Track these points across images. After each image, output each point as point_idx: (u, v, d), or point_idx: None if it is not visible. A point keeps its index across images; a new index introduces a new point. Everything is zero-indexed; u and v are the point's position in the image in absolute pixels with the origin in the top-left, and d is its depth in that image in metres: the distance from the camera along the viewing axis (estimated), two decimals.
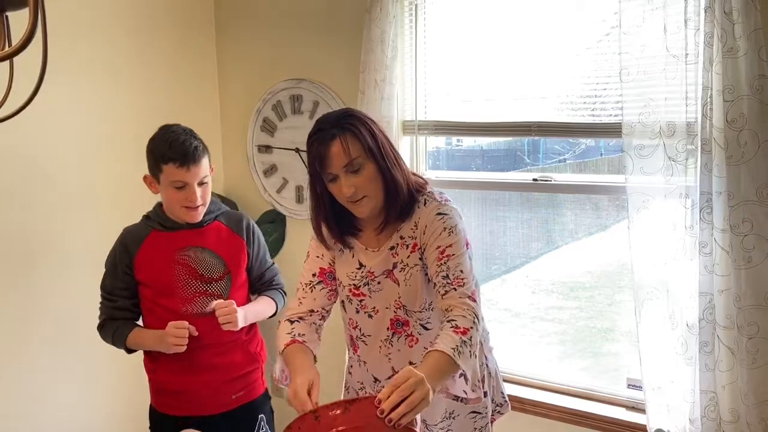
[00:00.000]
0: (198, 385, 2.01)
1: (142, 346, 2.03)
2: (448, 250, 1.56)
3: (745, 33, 1.79)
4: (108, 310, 2.04)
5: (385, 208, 1.61)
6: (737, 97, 1.83)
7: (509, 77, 2.47)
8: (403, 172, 1.62)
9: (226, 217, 2.08)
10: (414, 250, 1.62)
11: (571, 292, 2.73)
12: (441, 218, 1.59)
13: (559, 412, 2.43)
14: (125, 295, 2.03)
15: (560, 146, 2.58)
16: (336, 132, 1.54)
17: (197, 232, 2.01)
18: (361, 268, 1.69)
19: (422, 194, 1.65)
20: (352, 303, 1.72)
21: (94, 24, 2.61)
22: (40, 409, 2.50)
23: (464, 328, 1.45)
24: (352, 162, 1.53)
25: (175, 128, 1.94)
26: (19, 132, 2.32)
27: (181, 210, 1.94)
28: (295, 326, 1.67)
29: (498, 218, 2.76)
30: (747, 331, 1.90)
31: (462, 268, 1.55)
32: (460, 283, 1.53)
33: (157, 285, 1.99)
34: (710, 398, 1.99)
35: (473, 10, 2.48)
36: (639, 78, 2.01)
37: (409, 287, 1.64)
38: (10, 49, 0.70)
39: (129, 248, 2.00)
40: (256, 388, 2.14)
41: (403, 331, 1.68)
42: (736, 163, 1.86)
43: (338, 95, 2.80)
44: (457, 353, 1.40)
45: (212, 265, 2.00)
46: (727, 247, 1.90)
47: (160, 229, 2.00)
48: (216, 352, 2.01)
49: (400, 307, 1.66)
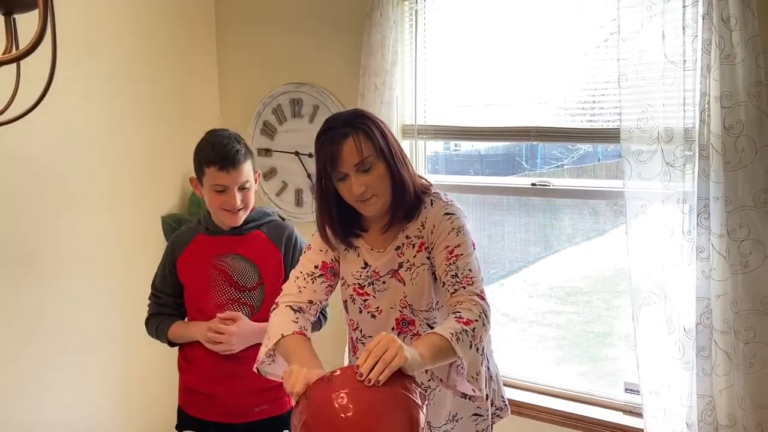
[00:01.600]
0: (223, 392, 2.00)
1: (185, 336, 2.03)
2: (457, 250, 1.56)
3: (742, 40, 1.81)
4: (155, 306, 2.08)
5: (392, 208, 1.62)
6: (735, 103, 1.84)
7: (508, 82, 2.49)
8: (410, 172, 1.63)
9: (269, 227, 2.05)
10: (421, 249, 1.63)
11: (569, 297, 2.73)
12: (449, 218, 1.60)
13: (557, 415, 2.43)
14: (169, 293, 2.06)
15: (558, 151, 2.59)
16: (348, 131, 1.54)
17: (237, 239, 2.00)
18: (366, 268, 1.68)
19: (428, 195, 1.66)
20: (356, 303, 1.72)
21: (94, 30, 2.62)
22: (39, 410, 2.50)
23: (468, 319, 1.45)
24: (363, 161, 1.54)
25: (220, 132, 1.95)
26: (19, 134, 2.33)
27: (222, 213, 1.95)
28: (299, 317, 1.62)
29: (496, 222, 2.77)
30: (744, 336, 1.91)
31: (470, 267, 1.56)
32: (469, 281, 1.54)
33: (195, 287, 2.01)
34: (707, 403, 2.00)
35: (473, 15, 2.49)
36: (637, 84, 2.02)
37: (416, 286, 1.64)
38: (20, 52, 0.71)
39: (175, 249, 2.04)
40: (282, 404, 2.09)
41: (408, 330, 1.68)
42: (733, 169, 1.87)
43: (338, 99, 2.81)
44: (455, 338, 1.39)
45: (247, 274, 1.99)
46: (725, 252, 1.91)
47: (206, 233, 2.02)
48: (242, 362, 1.97)
49: (405, 306, 1.66)
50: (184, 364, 2.07)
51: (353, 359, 1.80)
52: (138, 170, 2.79)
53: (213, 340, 1.91)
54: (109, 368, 2.70)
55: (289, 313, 1.62)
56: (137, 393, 2.79)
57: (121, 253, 2.71)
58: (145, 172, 2.81)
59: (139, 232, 2.77)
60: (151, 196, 2.81)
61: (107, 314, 2.69)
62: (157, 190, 2.86)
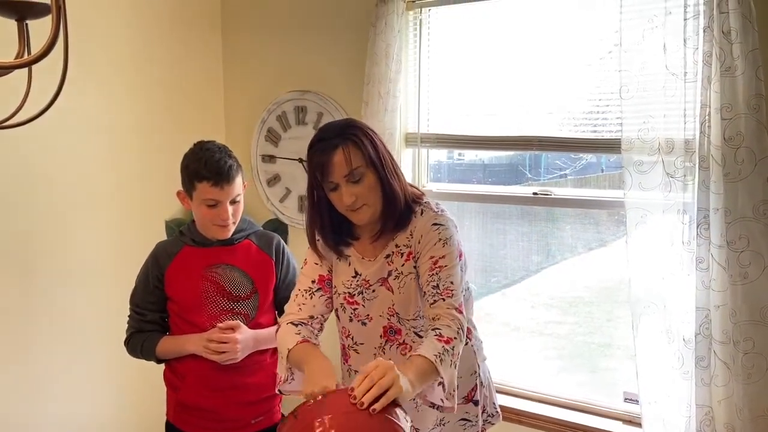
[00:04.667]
0: (220, 405, 1.99)
1: (177, 351, 1.99)
2: (441, 261, 1.57)
3: (743, 53, 1.83)
4: (137, 323, 2.03)
5: (383, 217, 1.63)
6: (735, 115, 1.86)
7: (511, 92, 2.50)
8: (401, 182, 1.65)
9: (257, 236, 2.07)
10: (408, 258, 1.64)
11: (570, 308, 2.74)
12: (436, 229, 1.60)
13: (556, 424, 2.44)
14: (154, 309, 2.02)
15: (561, 161, 2.61)
16: (338, 142, 1.56)
17: (228, 250, 2.00)
18: (357, 277, 1.70)
19: (419, 204, 1.67)
20: (346, 311, 1.73)
21: (101, 36, 2.65)
22: (44, 411, 2.51)
23: (448, 337, 1.47)
24: (353, 171, 1.55)
25: (210, 145, 1.93)
26: (26, 139, 2.35)
27: (213, 227, 1.94)
28: (300, 329, 1.66)
29: (498, 231, 2.78)
30: (743, 347, 1.92)
31: (452, 279, 1.57)
32: (449, 294, 1.55)
33: (185, 300, 1.98)
34: (706, 413, 2.00)
35: (477, 25, 2.52)
36: (638, 95, 2.04)
37: (403, 295, 1.65)
38: (32, 56, 0.73)
39: (160, 262, 2.00)
40: (274, 414, 2.11)
41: (395, 339, 1.69)
42: (733, 180, 1.89)
43: (342, 107, 2.83)
44: (439, 360, 1.42)
45: (240, 284, 1.99)
46: (724, 263, 1.92)
47: (192, 244, 2.00)
48: (240, 373, 1.98)
49: (393, 314, 1.67)
50: (176, 380, 2.03)
51: (344, 367, 1.81)
52: (142, 175, 2.81)
53: (216, 350, 1.90)
54: (114, 371, 2.71)
55: (291, 329, 1.66)
56: (142, 397, 2.80)
57: (125, 256, 2.72)
58: (149, 177, 2.83)
59: (144, 237, 2.79)
60: (155, 200, 2.83)
61: (111, 317, 2.69)
62: (161, 194, 2.87)
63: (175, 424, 2.07)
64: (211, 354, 1.91)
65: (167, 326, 2.06)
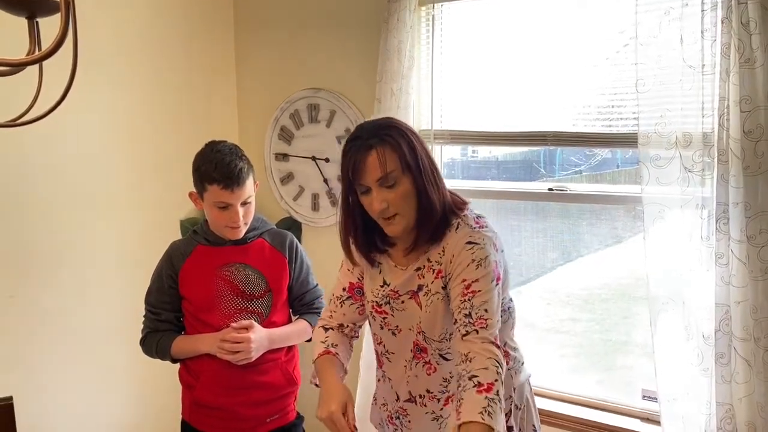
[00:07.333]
0: (235, 403, 1.99)
1: (192, 351, 2.00)
2: (474, 285, 1.44)
3: (762, 44, 1.80)
4: (152, 323, 2.04)
5: (417, 229, 1.53)
6: (754, 107, 1.83)
7: (525, 87, 2.48)
8: (440, 191, 1.53)
9: (271, 234, 2.07)
10: (438, 276, 1.53)
11: (586, 305, 2.71)
12: (470, 248, 1.47)
13: (574, 422, 2.42)
14: (169, 309, 2.03)
15: (576, 158, 2.58)
16: (374, 142, 1.45)
17: (241, 249, 2.01)
18: (384, 287, 1.62)
19: (457, 217, 1.54)
20: (376, 319, 1.67)
21: (115, 35, 2.66)
22: (60, 410, 2.53)
23: (488, 384, 1.34)
24: (387, 176, 1.45)
25: (221, 147, 1.92)
26: (43, 140, 2.37)
27: (224, 228, 1.95)
28: (329, 335, 1.65)
29: (513, 228, 2.76)
30: (764, 343, 1.89)
31: (487, 307, 1.43)
32: (483, 324, 1.41)
33: (199, 299, 1.99)
34: (726, 410, 1.97)
35: (490, 20, 2.49)
36: (655, 88, 2.01)
37: (430, 314, 1.55)
38: (42, 53, 0.73)
39: (174, 262, 2.01)
40: (289, 412, 2.12)
41: (421, 357, 1.61)
42: (753, 174, 1.85)
43: (355, 104, 2.82)
44: (488, 415, 1.30)
45: (254, 282, 2.00)
46: (744, 258, 1.89)
47: (206, 244, 2.01)
48: (255, 371, 1.99)
49: (420, 332, 1.58)
50: (191, 380, 2.04)
51: (378, 372, 1.78)
52: (158, 174, 2.83)
53: (231, 350, 1.90)
54: (130, 370, 2.72)
55: (321, 334, 1.68)
56: (159, 395, 2.81)
57: (141, 255, 2.73)
58: (164, 177, 2.84)
59: (159, 235, 2.80)
60: (170, 199, 2.83)
61: (128, 316, 2.71)
62: (175, 194, 2.88)
63: (191, 423, 2.07)
64: (225, 354, 1.91)
65: (182, 326, 2.06)
